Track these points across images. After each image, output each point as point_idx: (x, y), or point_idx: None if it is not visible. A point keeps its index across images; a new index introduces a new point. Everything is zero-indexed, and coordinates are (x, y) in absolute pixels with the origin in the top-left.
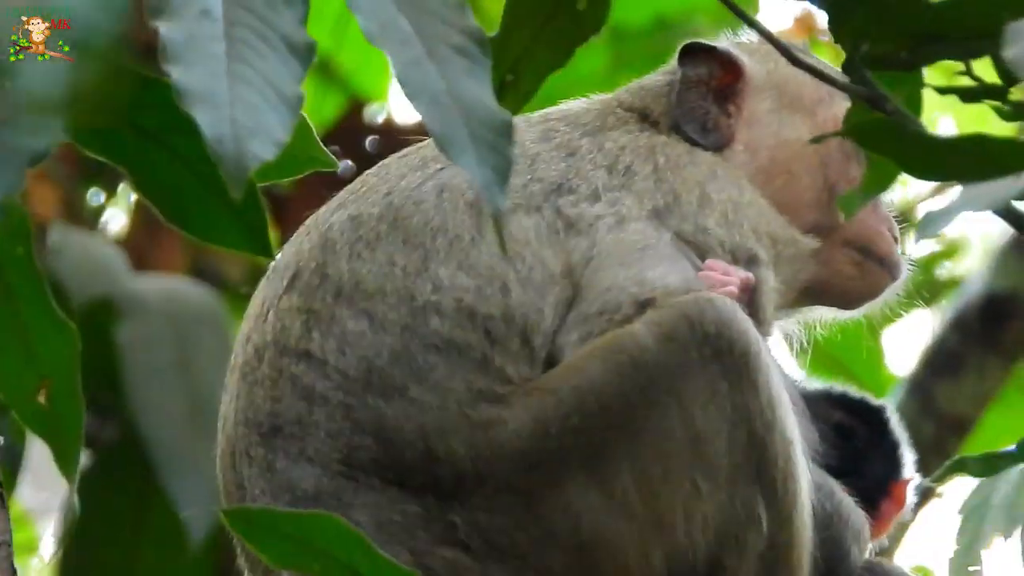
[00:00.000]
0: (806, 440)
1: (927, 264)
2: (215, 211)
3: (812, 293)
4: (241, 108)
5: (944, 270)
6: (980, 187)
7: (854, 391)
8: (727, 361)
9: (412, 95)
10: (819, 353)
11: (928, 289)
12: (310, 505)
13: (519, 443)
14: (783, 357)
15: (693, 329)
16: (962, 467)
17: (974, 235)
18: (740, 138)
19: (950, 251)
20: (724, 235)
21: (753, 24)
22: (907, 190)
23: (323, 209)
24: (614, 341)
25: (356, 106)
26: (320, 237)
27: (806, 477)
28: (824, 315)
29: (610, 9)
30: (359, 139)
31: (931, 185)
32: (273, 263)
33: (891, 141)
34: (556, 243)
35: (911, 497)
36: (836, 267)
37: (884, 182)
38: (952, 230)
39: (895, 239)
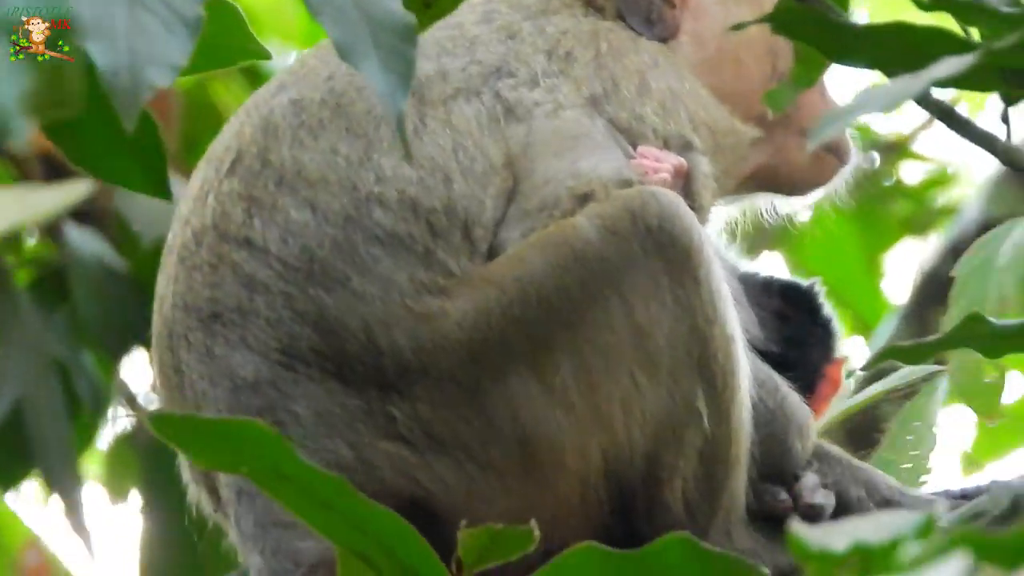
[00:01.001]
0: (747, 332)
1: (920, 192)
2: (116, 150)
3: (761, 180)
4: (139, 36)
5: (939, 199)
6: (884, 87)
7: (784, 275)
8: (669, 255)
9: (314, 5)
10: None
11: (922, 217)
12: (249, 393)
13: (461, 334)
14: (723, 246)
15: (635, 223)
16: (892, 353)
17: (969, 163)
18: (686, 29)
19: (944, 179)
20: (659, 123)
21: None
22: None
23: (262, 90)
24: (557, 233)
25: None
26: (262, 120)
27: (746, 373)
28: (772, 202)
29: None
30: None
31: (924, 116)
32: (213, 143)
33: (814, 29)
34: (496, 131)
35: (844, 378)
36: (786, 154)
37: (811, 74)
38: (946, 158)
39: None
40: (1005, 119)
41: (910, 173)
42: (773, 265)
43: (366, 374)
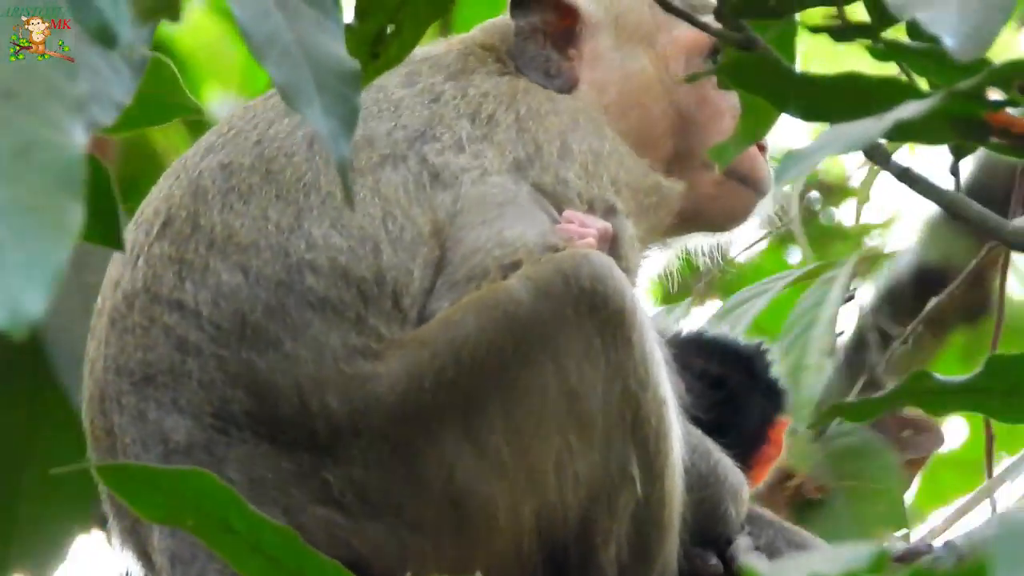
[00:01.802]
0: (679, 397)
1: (859, 236)
2: None
3: (684, 221)
4: (84, 72)
5: (876, 243)
6: (845, 127)
7: (726, 335)
8: (602, 317)
9: (257, 47)
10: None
11: (861, 261)
12: (182, 457)
13: (394, 397)
14: (651, 307)
15: (568, 284)
16: (838, 411)
17: (906, 207)
18: (585, 78)
19: (884, 223)
20: (583, 186)
21: None
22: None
23: (191, 152)
24: (489, 295)
25: None
26: (191, 183)
27: (678, 436)
28: (703, 241)
29: None
30: None
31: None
32: (142, 206)
33: (764, 80)
34: (423, 199)
35: (787, 440)
36: (700, 191)
37: (760, 128)
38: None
39: (761, 148)
40: (955, 172)
41: (849, 215)
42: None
43: (299, 437)
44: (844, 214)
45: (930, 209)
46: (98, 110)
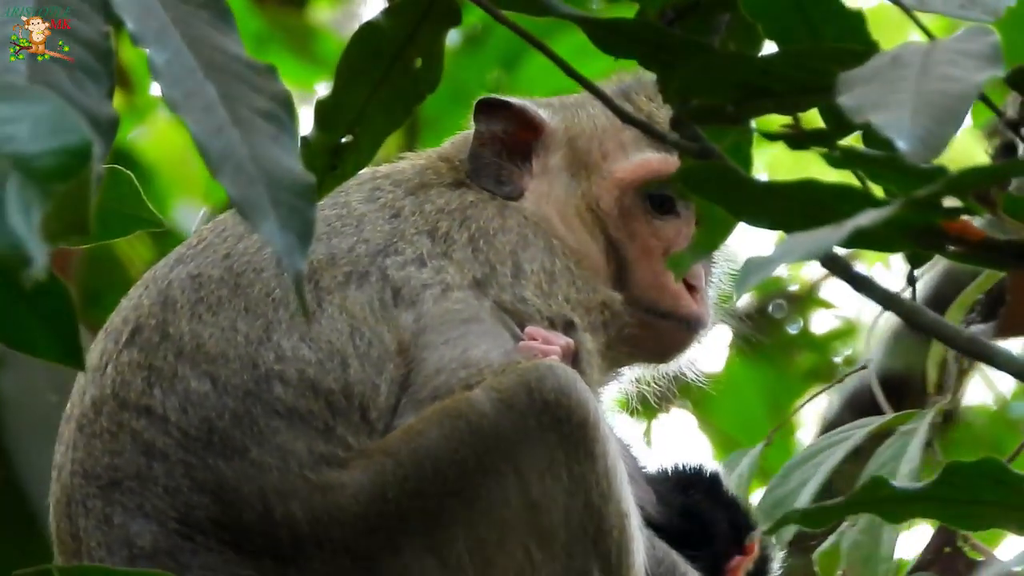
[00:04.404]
0: (646, 508)
1: (823, 345)
2: (23, 318)
3: (627, 351)
4: None
5: (841, 354)
6: (803, 235)
7: (687, 461)
8: (565, 430)
9: (213, 162)
10: (718, 432)
11: (827, 368)
12: (146, 562)
13: (357, 507)
14: (621, 425)
15: (532, 396)
16: (795, 518)
17: (868, 316)
18: (532, 188)
19: (847, 331)
20: (541, 304)
21: (574, 74)
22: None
23: (160, 263)
24: (453, 406)
25: None
26: (160, 294)
27: (641, 550)
28: (649, 371)
29: (443, 68)
30: None
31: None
32: (111, 316)
33: (720, 187)
34: (388, 317)
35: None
36: (631, 330)
37: (715, 241)
38: (847, 312)
39: (697, 282)
40: (911, 280)
41: (816, 323)
42: (678, 432)
43: (262, 545)
44: (812, 323)
45: (892, 318)
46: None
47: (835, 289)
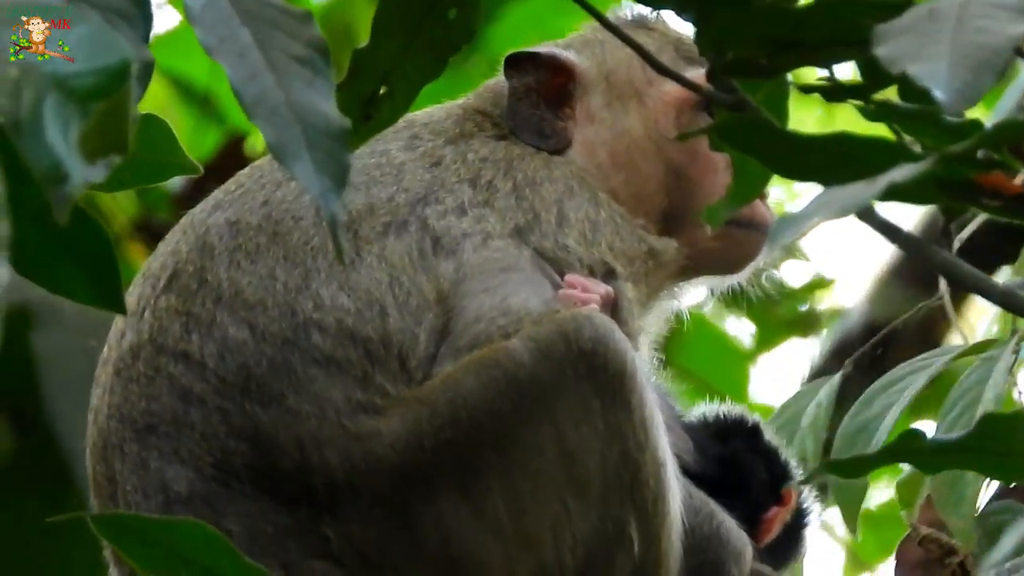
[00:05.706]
0: (680, 457)
1: (805, 295)
2: (61, 262)
3: (691, 271)
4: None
5: (824, 302)
6: (838, 190)
7: (727, 410)
8: (602, 379)
9: (249, 106)
10: (691, 375)
11: (807, 319)
12: (182, 507)
13: (393, 455)
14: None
15: (569, 346)
16: (831, 468)
17: (855, 265)
18: (578, 138)
19: (822, 284)
20: (583, 252)
21: (606, 23)
22: None
23: (198, 209)
24: (490, 356)
25: (236, 139)
26: (198, 239)
27: (677, 498)
28: (713, 284)
29: (480, 17)
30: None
31: None
32: (147, 261)
33: (755, 140)
34: (427, 267)
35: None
36: (701, 245)
37: (751, 191)
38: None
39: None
40: (946, 233)
41: (794, 275)
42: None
43: (298, 492)
44: (789, 275)
45: (877, 267)
46: (88, 167)
47: (809, 241)
